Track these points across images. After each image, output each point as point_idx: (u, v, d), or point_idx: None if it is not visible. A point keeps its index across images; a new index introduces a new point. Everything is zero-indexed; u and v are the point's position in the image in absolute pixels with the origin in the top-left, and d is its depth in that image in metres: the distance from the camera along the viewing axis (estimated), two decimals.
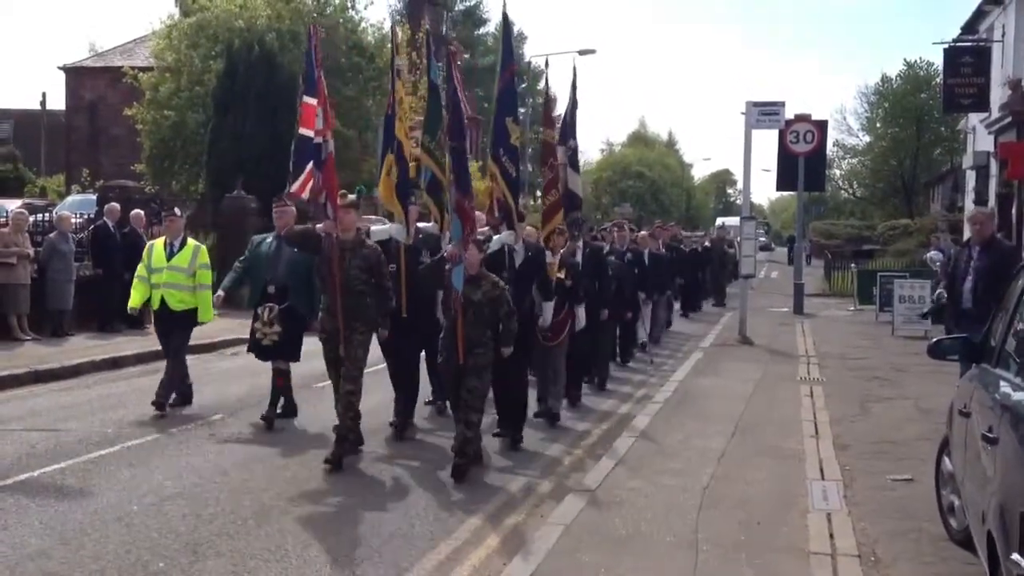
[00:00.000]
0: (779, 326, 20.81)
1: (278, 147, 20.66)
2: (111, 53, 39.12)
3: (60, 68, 39.41)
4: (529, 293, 9.23)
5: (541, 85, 60.56)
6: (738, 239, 36.25)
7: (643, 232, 17.32)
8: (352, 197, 8.52)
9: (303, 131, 8.80)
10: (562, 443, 9.50)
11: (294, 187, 8.91)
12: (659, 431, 9.65)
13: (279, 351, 9.64)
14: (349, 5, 29.12)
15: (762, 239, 52.08)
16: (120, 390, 10.25)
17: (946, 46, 24.33)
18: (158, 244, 10.40)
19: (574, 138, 11.37)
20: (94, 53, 40.88)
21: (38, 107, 43.05)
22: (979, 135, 24.99)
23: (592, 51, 39.73)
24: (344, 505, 7.09)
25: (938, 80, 35.91)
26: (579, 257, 11.16)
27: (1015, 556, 3.76)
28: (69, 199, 26.99)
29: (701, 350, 16.65)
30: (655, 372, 14.26)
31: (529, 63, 56.49)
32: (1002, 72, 22.17)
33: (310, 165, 8.68)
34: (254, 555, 5.96)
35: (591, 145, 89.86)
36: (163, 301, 10.21)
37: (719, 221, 52.01)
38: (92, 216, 18.59)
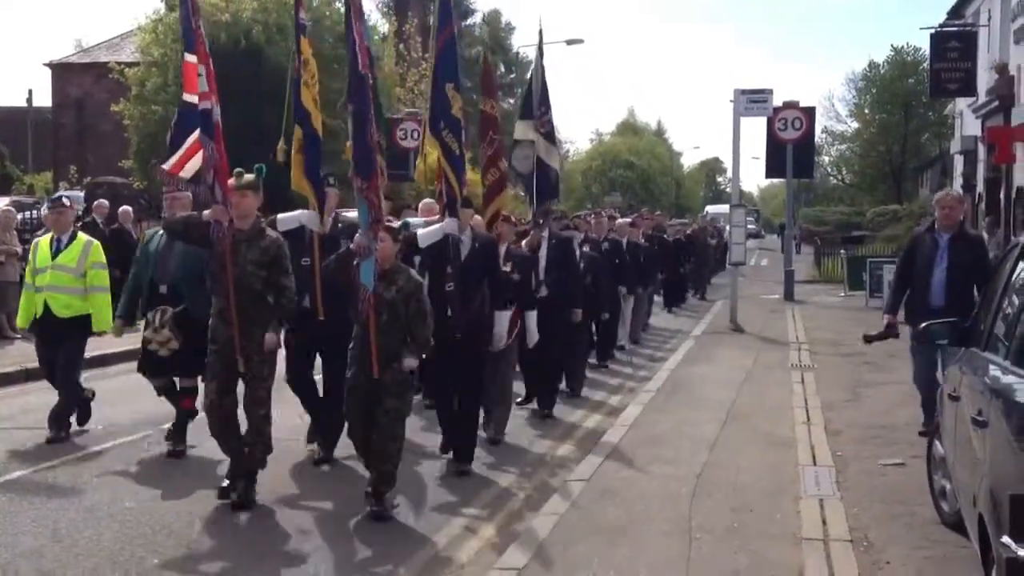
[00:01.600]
0: (770, 313, 20.85)
1: (265, 140, 20.59)
2: (97, 49, 38.96)
3: (46, 65, 39.25)
4: (478, 292, 7.91)
5: (528, 75, 60.38)
6: (726, 227, 36.38)
7: (621, 220, 16.15)
8: (250, 177, 6.90)
9: (187, 96, 7.42)
10: (554, 433, 9.52)
11: (170, 163, 7.37)
12: (651, 420, 9.66)
13: (179, 364, 8.00)
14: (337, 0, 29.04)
15: (752, 227, 52.22)
16: (109, 387, 10.23)
17: (932, 31, 24.36)
18: (43, 242, 8.92)
19: (548, 110, 10.10)
20: (80, 49, 40.75)
21: (24, 104, 42.86)
22: (966, 120, 25.07)
23: (580, 41, 39.57)
24: (334, 501, 7.09)
25: (925, 65, 35.95)
26: (544, 249, 10.06)
27: (1005, 539, 3.78)
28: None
29: (692, 338, 16.67)
30: (644, 365, 13.76)
31: (517, 53, 56.50)
32: (988, 57, 22.25)
33: (194, 136, 7.15)
34: (248, 550, 5.96)
35: (580, 135, 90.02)
36: (46, 307, 8.61)
37: (707, 209, 52.13)
38: (80, 213, 18.53)
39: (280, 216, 7.81)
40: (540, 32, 10.50)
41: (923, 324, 6.72)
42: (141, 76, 27.23)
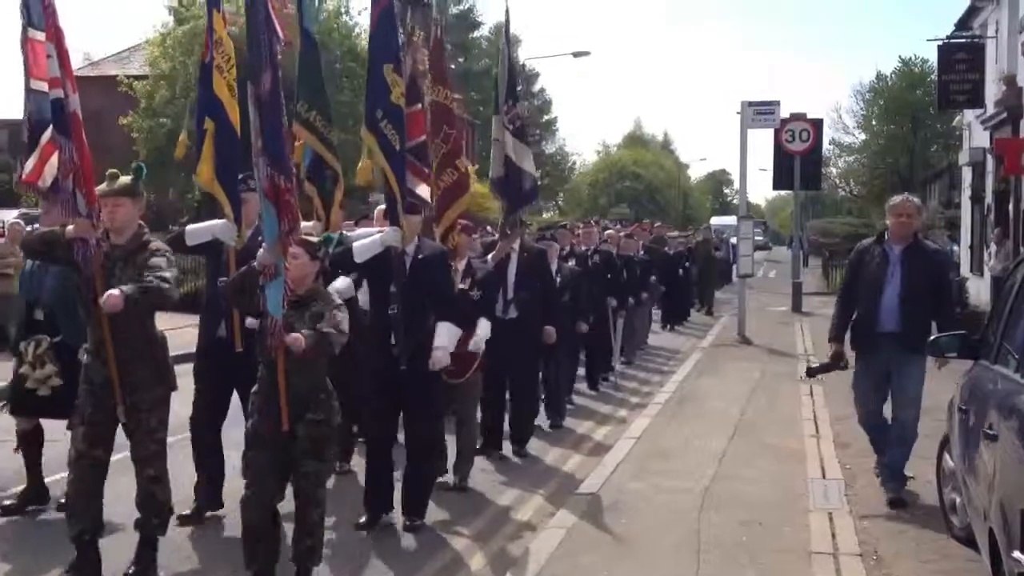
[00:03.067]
0: (778, 325, 20.80)
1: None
2: (105, 62, 39.08)
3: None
4: (428, 314, 6.65)
5: (536, 88, 60.32)
6: (732, 239, 36.29)
7: (611, 231, 15.35)
8: (124, 179, 5.50)
9: (35, 84, 5.74)
10: (562, 446, 9.50)
11: (27, 171, 5.82)
12: (659, 432, 9.64)
13: (60, 405, 6.31)
14: (343, 10, 29.15)
15: (759, 238, 52.21)
16: None
17: (940, 43, 24.32)
18: None
19: (517, 101, 8.85)
20: (89, 62, 40.84)
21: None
22: (975, 131, 25.00)
23: (587, 53, 39.74)
24: (345, 511, 7.08)
25: (933, 77, 35.91)
26: (513, 263, 8.78)
27: (1016, 554, 3.75)
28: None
29: (700, 350, 16.63)
30: (636, 390, 12.74)
31: (524, 65, 56.59)
32: (996, 68, 22.18)
33: (48, 133, 5.59)
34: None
35: (587, 147, 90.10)
36: None
37: (711, 221, 52.07)
38: None
39: (189, 227, 6.73)
40: (507, 12, 9.80)
41: (933, 337, 6.66)
42: (149, 89, 27.35)
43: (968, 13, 24.94)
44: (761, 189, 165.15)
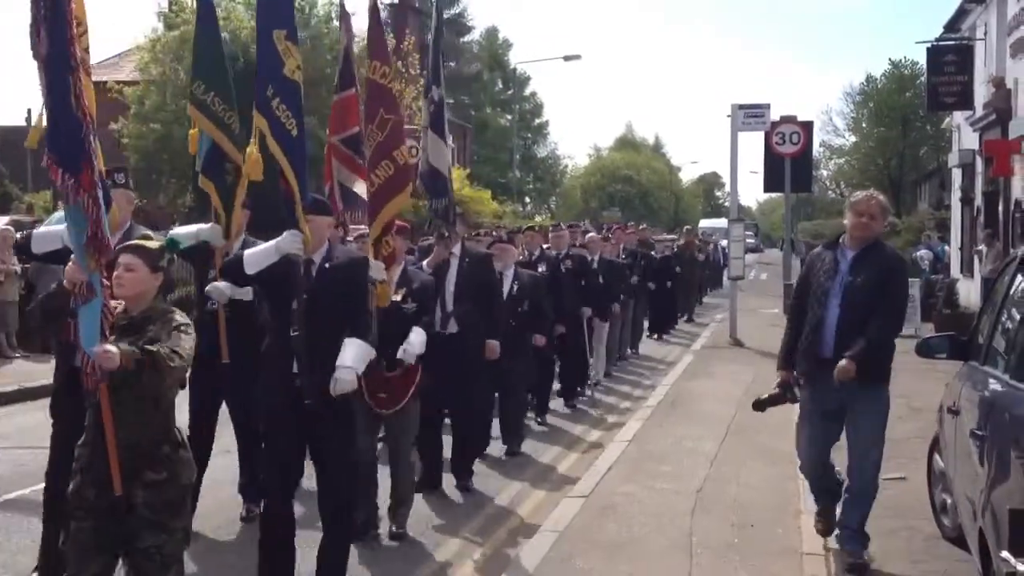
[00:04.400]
0: (770, 327, 20.79)
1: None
2: (95, 68, 39.02)
3: None
4: (339, 337, 5.33)
5: (528, 91, 60.26)
6: (720, 242, 36.29)
7: (592, 234, 14.37)
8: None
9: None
10: (554, 449, 9.51)
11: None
12: (651, 435, 9.65)
13: None
14: (333, 15, 29.13)
15: (751, 241, 52.27)
16: None
17: (929, 45, 24.42)
18: None
19: (439, 85, 7.46)
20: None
21: (23, 123, 42.97)
22: (964, 133, 25.09)
23: (577, 56, 39.86)
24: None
25: (922, 79, 36.08)
26: (453, 270, 7.81)
27: (1005, 553, 3.77)
28: (56, 215, 26.89)
29: (692, 353, 16.66)
30: (614, 407, 11.72)
31: (515, 70, 56.66)
32: (985, 70, 22.27)
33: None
34: (245, 570, 5.94)
35: (578, 150, 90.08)
36: None
37: (701, 224, 52.19)
38: None
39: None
40: None
41: (923, 338, 6.47)
42: (140, 94, 27.33)
43: (957, 15, 25.04)
44: (752, 191, 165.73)
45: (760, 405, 6.44)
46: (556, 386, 11.61)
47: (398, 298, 6.49)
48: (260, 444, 6.02)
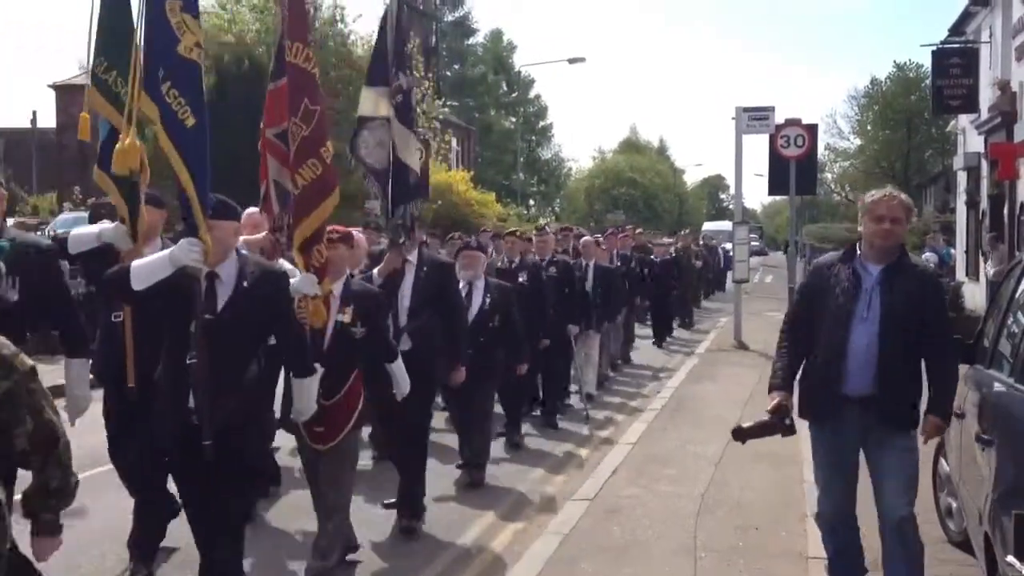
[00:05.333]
0: (774, 330, 20.57)
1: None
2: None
3: (50, 86, 39.43)
4: (248, 365, 4.60)
5: (532, 94, 60.25)
6: (720, 245, 36.18)
7: (587, 238, 13.47)
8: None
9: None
10: (559, 451, 9.50)
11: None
12: (655, 438, 9.64)
13: None
14: (338, 18, 29.19)
15: (756, 244, 52.22)
16: None
17: (934, 48, 24.39)
18: None
19: (406, 72, 6.75)
20: (84, 71, 40.78)
21: (28, 125, 43.03)
22: (969, 136, 25.06)
23: (582, 59, 39.87)
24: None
25: (927, 82, 36.05)
26: (408, 280, 6.85)
27: (1010, 558, 3.76)
28: (61, 217, 26.96)
29: (696, 356, 16.64)
30: (603, 422, 10.77)
31: (519, 72, 56.71)
32: (990, 73, 22.25)
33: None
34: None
35: (583, 152, 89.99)
36: None
37: (704, 227, 52.17)
38: None
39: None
40: None
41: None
42: None
43: (962, 18, 25.01)
44: (757, 194, 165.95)
45: (742, 435, 5.13)
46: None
47: (346, 318, 5.68)
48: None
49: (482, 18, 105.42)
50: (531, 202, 61.55)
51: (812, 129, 22.54)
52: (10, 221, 17.13)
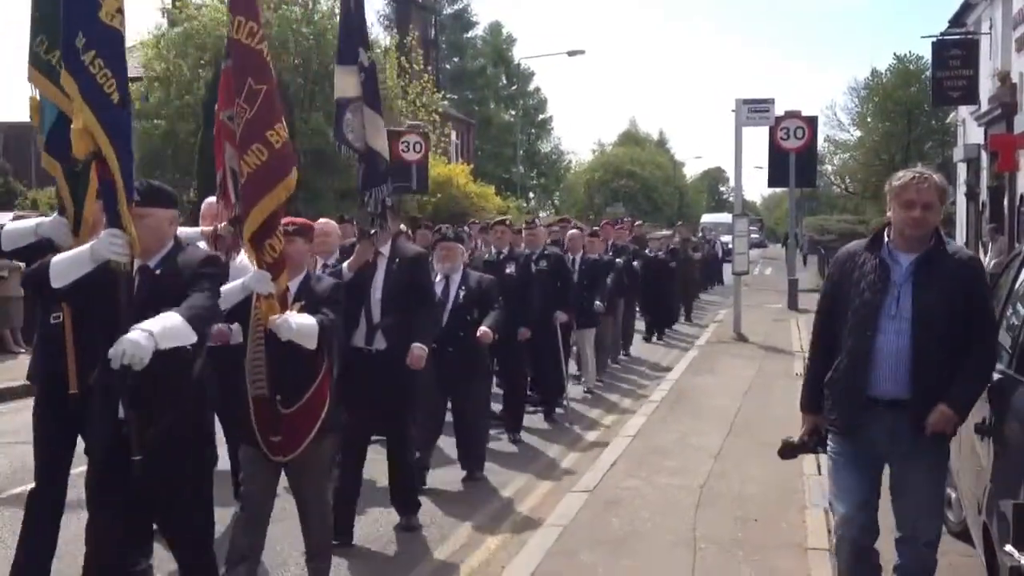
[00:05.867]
0: (774, 322, 20.82)
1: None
2: None
3: None
4: (183, 370, 4.21)
5: (531, 87, 60.09)
6: (719, 237, 36.20)
7: (573, 231, 13.09)
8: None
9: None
10: (559, 443, 9.52)
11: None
12: (655, 430, 9.65)
13: None
14: (336, 12, 29.16)
15: (755, 236, 52.26)
16: None
17: (934, 40, 24.38)
18: None
19: (366, 48, 6.24)
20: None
21: (27, 119, 42.97)
22: (969, 128, 25.09)
23: (581, 52, 39.83)
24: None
25: (927, 74, 36.02)
26: (380, 273, 6.44)
27: (1009, 548, 3.76)
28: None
29: (696, 348, 16.65)
30: (592, 422, 10.39)
31: (519, 65, 56.63)
32: (990, 64, 22.27)
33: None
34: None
35: (582, 145, 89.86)
36: None
37: (703, 219, 52.20)
38: None
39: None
40: None
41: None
42: (144, 91, 27.37)
43: (962, 10, 25.02)
44: (757, 186, 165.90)
45: (788, 453, 4.94)
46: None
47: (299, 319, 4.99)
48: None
49: (481, 11, 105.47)
50: (531, 195, 61.53)
51: (812, 121, 22.54)
52: (9, 215, 16.99)
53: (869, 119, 58.05)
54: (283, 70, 24.85)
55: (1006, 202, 20.76)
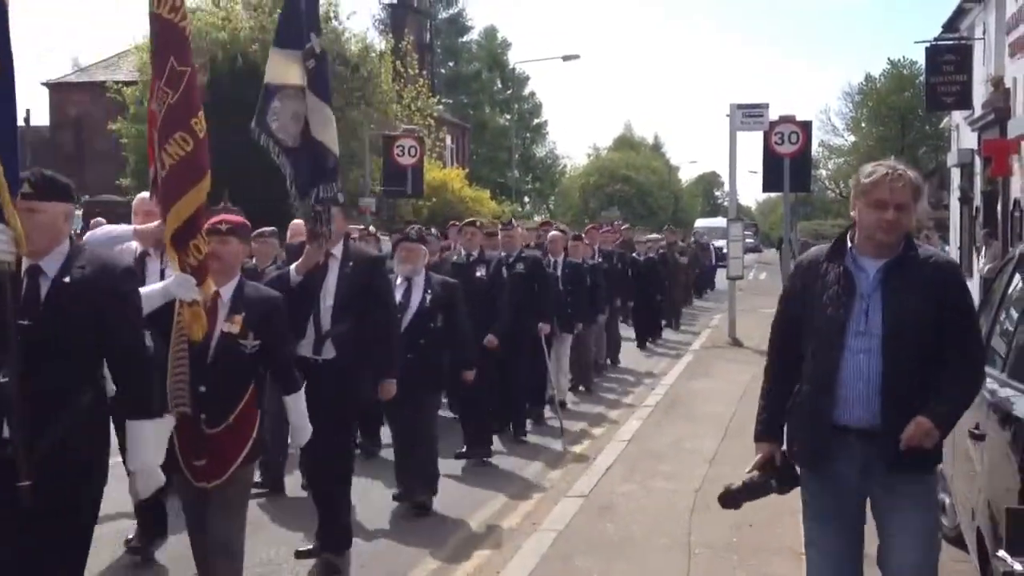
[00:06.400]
0: (769, 327, 20.80)
1: (263, 159, 20.64)
2: (94, 68, 39.07)
3: (44, 84, 39.35)
4: (80, 381, 3.72)
5: (526, 91, 60.12)
6: (714, 242, 36.17)
7: (555, 233, 12.71)
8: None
9: None
10: (554, 448, 9.51)
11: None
12: (650, 435, 9.66)
13: None
14: (332, 16, 29.14)
15: (750, 240, 52.29)
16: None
17: (928, 45, 24.42)
18: None
19: (318, 34, 5.65)
20: (77, 69, 40.85)
21: (22, 123, 42.96)
22: (963, 133, 25.12)
23: (576, 56, 40.03)
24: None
25: (921, 79, 36.10)
26: (332, 277, 5.86)
27: (1002, 553, 3.77)
28: None
29: (691, 352, 16.66)
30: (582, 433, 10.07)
31: (514, 69, 56.67)
32: (984, 69, 22.30)
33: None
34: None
35: (577, 150, 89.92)
36: None
37: (696, 224, 52.27)
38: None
39: None
40: None
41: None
42: (139, 95, 27.35)
43: (955, 15, 25.07)
44: (751, 191, 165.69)
45: (731, 500, 4.35)
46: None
47: (233, 329, 4.59)
48: None
49: (476, 15, 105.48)
50: (526, 199, 61.54)
51: (806, 126, 22.57)
52: None
53: (863, 124, 58.24)
54: None
55: (1000, 207, 20.78)
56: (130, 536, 6.01)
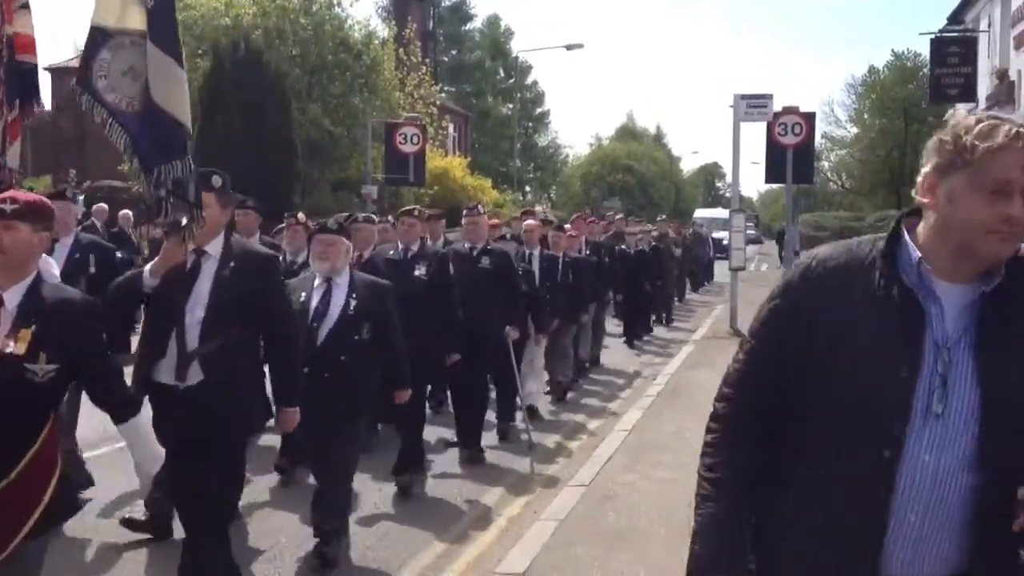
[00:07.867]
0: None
1: (266, 146, 20.64)
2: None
3: (45, 69, 39.28)
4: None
5: (529, 80, 60.14)
6: (711, 233, 36.08)
7: (531, 221, 11.56)
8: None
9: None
10: (555, 438, 9.50)
11: None
12: (651, 425, 9.65)
13: None
14: (335, 2, 29.11)
15: (752, 232, 52.26)
16: None
17: (932, 37, 24.38)
18: None
19: None
20: (79, 53, 40.84)
21: None
22: None
23: (580, 46, 39.89)
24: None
25: (925, 71, 36.04)
26: (205, 281, 4.58)
27: None
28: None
29: (692, 343, 16.65)
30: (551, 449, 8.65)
31: (516, 58, 56.57)
32: (988, 62, 22.28)
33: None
34: (247, 555, 5.94)
35: (579, 139, 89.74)
36: None
37: (696, 214, 52.24)
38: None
39: None
40: None
41: None
42: None
43: (960, 7, 25.03)
44: (754, 182, 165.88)
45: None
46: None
47: (18, 349, 3.24)
48: None
49: (479, 4, 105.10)
50: (527, 188, 61.50)
51: (810, 118, 22.53)
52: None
53: (866, 116, 58.07)
54: (281, 60, 24.81)
55: None
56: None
